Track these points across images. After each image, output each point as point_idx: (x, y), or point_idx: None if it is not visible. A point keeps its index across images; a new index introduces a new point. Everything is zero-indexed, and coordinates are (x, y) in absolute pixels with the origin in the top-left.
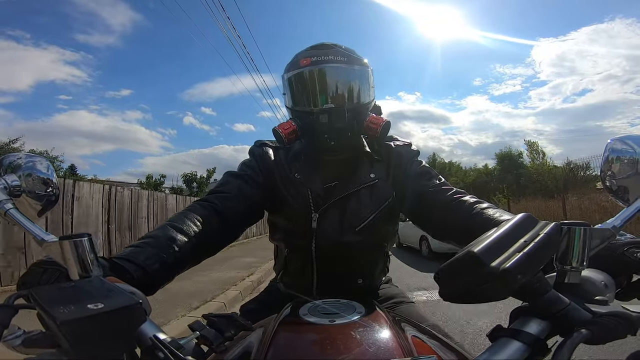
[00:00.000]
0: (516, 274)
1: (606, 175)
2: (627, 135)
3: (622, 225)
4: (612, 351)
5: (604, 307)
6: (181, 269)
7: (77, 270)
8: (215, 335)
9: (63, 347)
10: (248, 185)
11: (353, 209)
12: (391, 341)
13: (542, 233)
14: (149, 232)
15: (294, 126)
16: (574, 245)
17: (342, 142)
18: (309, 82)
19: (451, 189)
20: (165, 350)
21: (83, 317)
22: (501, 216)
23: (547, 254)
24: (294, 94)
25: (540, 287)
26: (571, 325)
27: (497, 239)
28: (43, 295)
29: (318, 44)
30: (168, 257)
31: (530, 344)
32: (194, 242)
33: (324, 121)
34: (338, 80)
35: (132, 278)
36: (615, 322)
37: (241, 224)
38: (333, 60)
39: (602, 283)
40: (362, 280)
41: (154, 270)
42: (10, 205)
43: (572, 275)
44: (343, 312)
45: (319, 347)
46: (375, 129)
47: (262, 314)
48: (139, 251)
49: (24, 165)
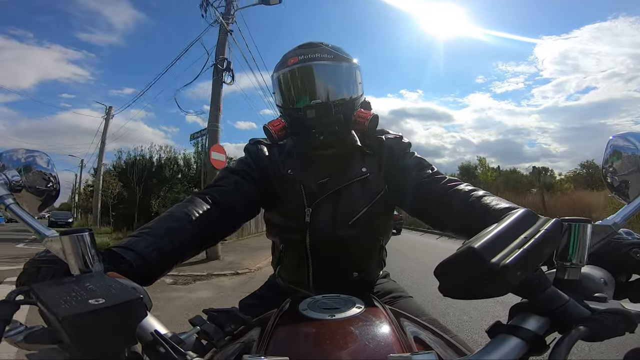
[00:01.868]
0: (516, 270)
1: (608, 171)
2: (629, 132)
3: (622, 221)
4: (611, 347)
5: (602, 304)
6: (180, 258)
7: (78, 265)
8: (215, 330)
9: (65, 343)
10: (245, 180)
11: (345, 203)
12: (390, 336)
13: (542, 229)
14: (147, 223)
15: (284, 123)
16: (574, 242)
17: (330, 136)
18: (297, 80)
19: (444, 178)
20: (166, 345)
21: (84, 312)
22: (498, 205)
23: (547, 251)
24: (283, 93)
25: (540, 284)
26: (570, 322)
27: (497, 234)
28: (44, 291)
29: (305, 43)
30: (167, 246)
31: (528, 340)
32: (192, 232)
33: (311, 116)
34: (325, 77)
35: (131, 266)
36: (613, 320)
37: (238, 217)
38: (320, 57)
39: (601, 280)
40: (357, 273)
41: (153, 259)
42: (11, 200)
43: (571, 271)
44: (343, 307)
45: (318, 342)
46: (363, 122)
47: (261, 308)
48: (138, 240)
49: (24, 160)
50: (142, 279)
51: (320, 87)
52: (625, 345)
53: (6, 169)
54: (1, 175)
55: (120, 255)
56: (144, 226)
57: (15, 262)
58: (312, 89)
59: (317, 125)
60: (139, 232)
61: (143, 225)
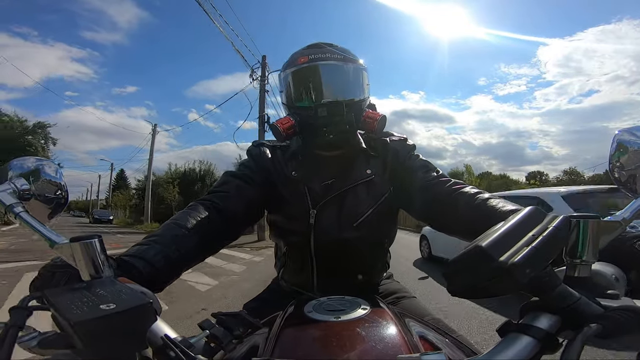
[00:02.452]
0: (525, 268)
1: (615, 166)
2: (635, 126)
3: (631, 217)
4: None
5: (615, 301)
6: (186, 266)
7: (89, 271)
8: (224, 334)
9: (77, 348)
10: (247, 185)
11: (350, 204)
12: (397, 337)
13: (550, 226)
14: (153, 232)
15: (292, 121)
16: (584, 238)
17: (340, 136)
18: (307, 78)
19: (449, 181)
20: (176, 349)
21: (96, 317)
22: (504, 207)
23: (556, 248)
24: (292, 91)
25: (550, 282)
26: (582, 320)
27: (505, 232)
28: (56, 297)
29: (314, 44)
30: (173, 254)
31: (540, 339)
32: (197, 239)
33: (322, 114)
34: (335, 77)
35: (141, 274)
36: (626, 317)
37: (242, 222)
38: (330, 57)
39: (612, 276)
40: (362, 276)
41: (162, 267)
42: (21, 208)
43: (582, 268)
44: (348, 308)
45: (325, 344)
46: (372, 123)
47: (265, 312)
48: (147, 248)
49: (33, 169)
50: (153, 286)
51: (330, 86)
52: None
53: (15, 177)
54: (10, 184)
55: (132, 263)
56: (151, 234)
57: None
58: (322, 88)
59: (329, 124)
60: (147, 241)
61: (150, 233)
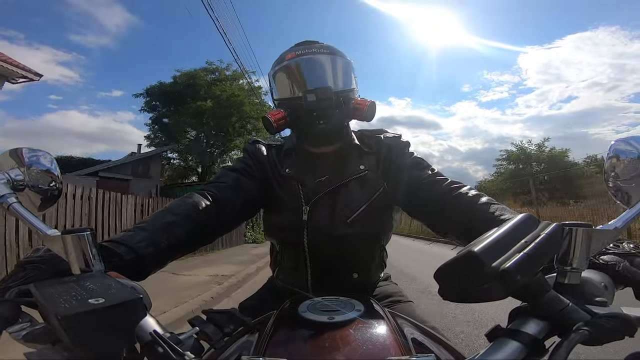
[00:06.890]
0: (516, 274)
1: (609, 176)
2: (631, 136)
3: (623, 226)
4: (614, 352)
5: (603, 308)
6: (175, 254)
7: (79, 264)
8: (214, 331)
9: (64, 342)
10: (245, 178)
11: (343, 200)
12: (389, 339)
13: (543, 233)
14: (144, 218)
15: (283, 112)
16: (575, 246)
17: (331, 120)
18: (296, 71)
19: (446, 180)
20: (164, 345)
21: (84, 311)
22: (502, 214)
23: (547, 255)
24: (282, 86)
25: (540, 288)
26: (570, 326)
27: (497, 239)
28: (44, 290)
29: (302, 42)
30: (162, 241)
31: (528, 344)
32: (189, 228)
33: (311, 99)
34: (322, 68)
35: (122, 260)
36: (613, 323)
37: (237, 216)
38: (317, 52)
39: (602, 284)
40: (357, 274)
41: (146, 254)
42: (14, 199)
43: (572, 276)
44: (342, 309)
45: (317, 344)
46: (362, 108)
47: (260, 310)
48: (132, 234)
49: (27, 159)
50: (135, 273)
51: (319, 76)
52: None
53: (9, 167)
54: (4, 174)
55: (111, 249)
56: (140, 221)
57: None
58: (311, 77)
59: (318, 107)
60: (134, 227)
61: (139, 220)
